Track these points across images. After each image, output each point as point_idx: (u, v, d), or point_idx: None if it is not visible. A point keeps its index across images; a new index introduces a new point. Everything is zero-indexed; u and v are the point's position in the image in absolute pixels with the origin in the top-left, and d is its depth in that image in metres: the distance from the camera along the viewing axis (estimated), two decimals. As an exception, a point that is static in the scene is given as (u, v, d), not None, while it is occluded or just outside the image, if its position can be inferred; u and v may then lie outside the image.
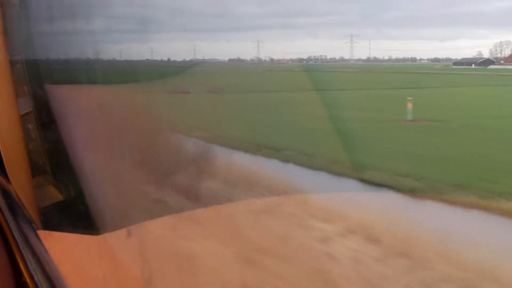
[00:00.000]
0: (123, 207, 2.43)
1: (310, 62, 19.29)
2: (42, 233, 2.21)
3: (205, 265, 2.03)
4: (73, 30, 3.05)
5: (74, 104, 3.38)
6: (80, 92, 3.30)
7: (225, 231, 2.51)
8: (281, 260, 2.30)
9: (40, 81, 3.43)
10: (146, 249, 2.01)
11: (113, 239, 2.21)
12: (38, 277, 1.57)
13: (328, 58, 20.15)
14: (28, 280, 1.58)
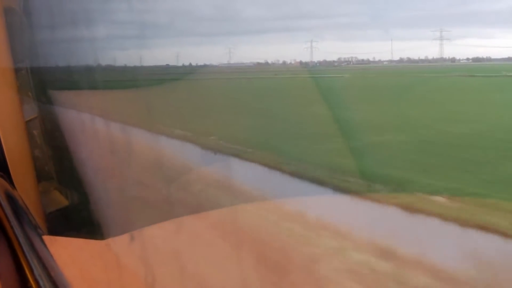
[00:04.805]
0: (127, 212, 2.45)
1: (342, 64, 18.57)
2: (47, 238, 2.23)
3: (207, 269, 2.04)
4: (77, 37, 3.08)
5: (79, 110, 3.41)
6: (84, 98, 3.32)
7: (228, 233, 2.52)
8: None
9: (44, 88, 3.45)
10: (149, 254, 2.03)
11: (117, 243, 2.23)
12: (44, 282, 1.59)
13: (360, 59, 19.37)
14: (33, 285, 1.60)
